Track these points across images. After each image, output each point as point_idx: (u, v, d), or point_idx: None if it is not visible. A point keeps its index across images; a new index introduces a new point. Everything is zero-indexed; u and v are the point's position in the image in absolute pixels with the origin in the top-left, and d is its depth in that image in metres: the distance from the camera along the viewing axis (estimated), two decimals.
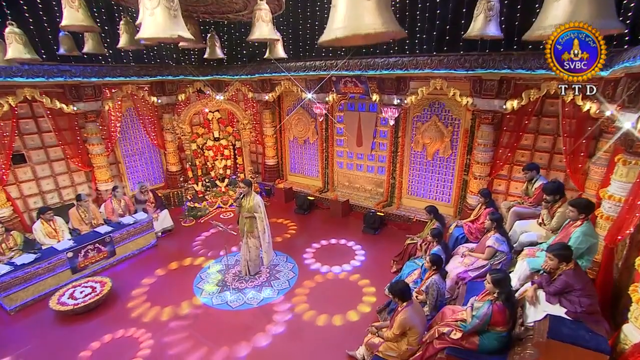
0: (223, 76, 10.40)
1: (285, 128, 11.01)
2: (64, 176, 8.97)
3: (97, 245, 7.25)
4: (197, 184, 10.14)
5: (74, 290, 6.36)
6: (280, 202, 10.66)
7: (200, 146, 10.25)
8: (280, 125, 10.97)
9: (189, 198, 9.97)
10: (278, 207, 10.37)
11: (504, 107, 6.53)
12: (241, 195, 6.41)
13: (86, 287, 6.45)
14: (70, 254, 6.84)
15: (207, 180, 10.45)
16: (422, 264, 5.93)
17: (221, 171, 10.53)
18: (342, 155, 10.10)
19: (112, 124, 9.31)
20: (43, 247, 6.99)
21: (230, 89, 10.57)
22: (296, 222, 9.37)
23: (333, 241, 8.34)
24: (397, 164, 9.08)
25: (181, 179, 9.52)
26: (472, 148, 7.81)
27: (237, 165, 10.69)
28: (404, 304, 4.34)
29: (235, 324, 5.77)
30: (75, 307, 5.97)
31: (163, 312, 6.09)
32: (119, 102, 9.30)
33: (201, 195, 10.13)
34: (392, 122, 8.29)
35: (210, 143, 10.28)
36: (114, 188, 8.21)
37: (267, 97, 10.04)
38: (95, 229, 7.57)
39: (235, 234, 6.47)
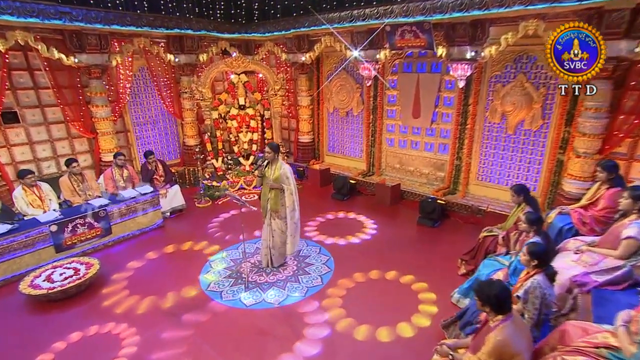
0: (252, 34, 9.51)
1: (324, 97, 9.88)
2: (64, 142, 8.22)
3: (88, 219, 6.31)
4: (217, 160, 9.18)
5: (53, 272, 5.42)
6: (315, 185, 9.53)
7: (223, 115, 9.31)
8: (318, 91, 9.84)
9: (207, 176, 9.00)
10: (312, 191, 9.27)
11: (637, 50, 4.94)
12: (264, 163, 5.24)
13: (68, 268, 5.50)
14: (54, 228, 5.92)
15: (228, 158, 9.50)
16: (511, 263, 4.50)
17: (246, 146, 9.54)
18: (393, 130, 8.85)
19: (121, 84, 8.52)
20: (25, 219, 6.10)
21: (260, 51, 9.71)
22: (338, 207, 8.17)
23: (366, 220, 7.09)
24: (464, 139, 7.65)
25: (197, 150, 8.47)
26: (573, 116, 6.23)
27: (265, 140, 9.66)
28: (500, 317, 2.97)
29: (247, 325, 4.58)
30: (50, 291, 5.00)
31: (156, 304, 5.04)
32: (130, 59, 8.51)
33: (221, 173, 9.18)
34: (461, 84, 6.87)
35: (234, 111, 9.32)
36: (116, 155, 7.31)
37: (303, 58, 9.00)
38: (88, 202, 6.63)
39: (255, 209, 5.33)
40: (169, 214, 7.73)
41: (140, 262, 6.13)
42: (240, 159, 9.55)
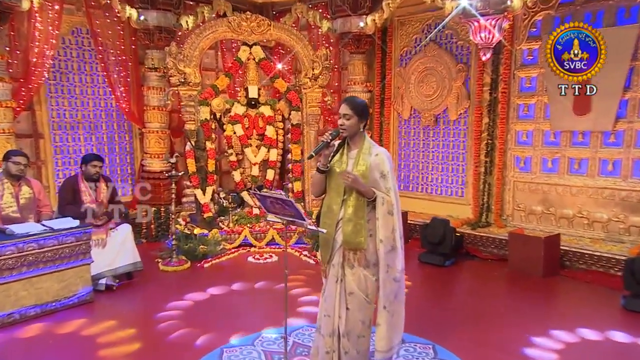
0: None
1: (394, 94, 8.77)
2: None
3: None
4: (204, 191, 7.71)
5: None
6: None
7: (219, 115, 7.97)
8: (383, 84, 8.83)
9: (183, 222, 7.34)
10: None
11: None
12: (330, 140, 3.55)
13: None
14: None
15: (221, 195, 8.05)
16: None
17: (255, 171, 8.12)
18: (529, 142, 7.41)
19: (37, 49, 7.06)
20: None
21: (286, 19, 8.71)
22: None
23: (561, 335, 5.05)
24: None
25: (169, 161, 6.62)
26: None
27: (291, 161, 8.43)
28: None
29: None
30: None
31: None
32: (57, 6, 7.16)
33: (209, 214, 7.64)
34: None
35: (239, 109, 7.97)
36: (10, 154, 5.50)
37: (362, 25, 7.96)
38: None
39: (324, 231, 3.62)
40: (106, 280, 5.81)
41: None
42: (245, 193, 8.12)
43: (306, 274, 6.21)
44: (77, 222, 5.39)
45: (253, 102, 8.00)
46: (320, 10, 8.37)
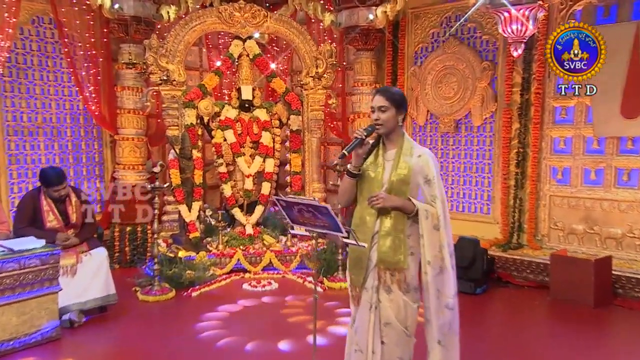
0: None
1: (407, 97, 8.43)
2: None
3: None
4: (189, 207, 7.53)
5: None
6: None
7: (206, 120, 7.85)
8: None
9: (164, 243, 7.17)
10: None
11: None
12: (365, 136, 3.43)
13: None
14: None
15: (208, 213, 7.86)
16: None
17: (249, 185, 7.92)
18: (567, 151, 7.20)
19: None
20: None
21: (282, 12, 8.55)
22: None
23: None
24: None
25: (153, 171, 6.34)
26: None
27: (290, 173, 8.32)
28: None
29: None
30: None
31: None
32: None
33: (195, 235, 7.48)
34: None
35: (230, 113, 7.83)
36: None
37: (371, 17, 7.92)
38: None
39: (363, 245, 3.43)
40: (69, 315, 5.40)
41: None
42: (236, 210, 7.87)
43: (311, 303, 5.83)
44: (42, 242, 4.98)
45: (247, 105, 7.84)
46: (322, 1, 8.23)
